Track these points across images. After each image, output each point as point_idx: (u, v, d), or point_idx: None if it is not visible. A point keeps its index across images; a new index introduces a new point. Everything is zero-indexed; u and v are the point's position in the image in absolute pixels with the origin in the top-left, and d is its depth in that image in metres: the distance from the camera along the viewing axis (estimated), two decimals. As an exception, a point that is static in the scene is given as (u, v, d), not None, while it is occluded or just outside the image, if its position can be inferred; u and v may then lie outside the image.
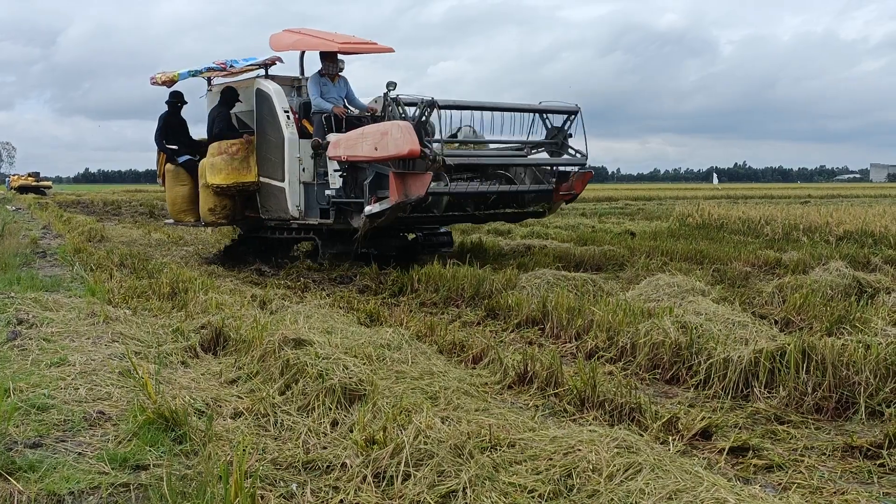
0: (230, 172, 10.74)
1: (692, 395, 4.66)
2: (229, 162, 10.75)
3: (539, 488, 2.95)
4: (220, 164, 10.73)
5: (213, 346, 5.52)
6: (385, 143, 8.80)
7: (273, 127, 10.55)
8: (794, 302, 6.61)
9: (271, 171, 10.66)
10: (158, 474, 3.12)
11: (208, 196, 11.06)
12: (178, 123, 12.08)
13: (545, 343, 6.03)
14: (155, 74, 11.94)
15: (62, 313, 6.15)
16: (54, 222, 19.34)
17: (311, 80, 10.61)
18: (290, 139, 10.35)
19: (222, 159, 10.73)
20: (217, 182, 10.74)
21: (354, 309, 7.33)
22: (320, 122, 10.24)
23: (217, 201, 11.03)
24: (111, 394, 4.21)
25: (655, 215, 24.05)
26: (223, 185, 10.77)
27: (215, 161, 10.75)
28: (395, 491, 3.05)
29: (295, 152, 10.35)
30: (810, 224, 14.92)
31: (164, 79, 11.71)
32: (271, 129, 10.59)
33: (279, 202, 10.60)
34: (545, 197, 10.68)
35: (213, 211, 11.12)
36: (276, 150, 10.55)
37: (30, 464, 3.19)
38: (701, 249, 11.48)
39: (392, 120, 9.12)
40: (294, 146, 10.36)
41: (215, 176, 10.74)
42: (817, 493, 3.21)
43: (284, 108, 10.48)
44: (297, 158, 10.35)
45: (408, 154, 8.64)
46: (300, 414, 4.01)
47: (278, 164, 10.51)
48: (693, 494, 2.74)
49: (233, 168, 10.75)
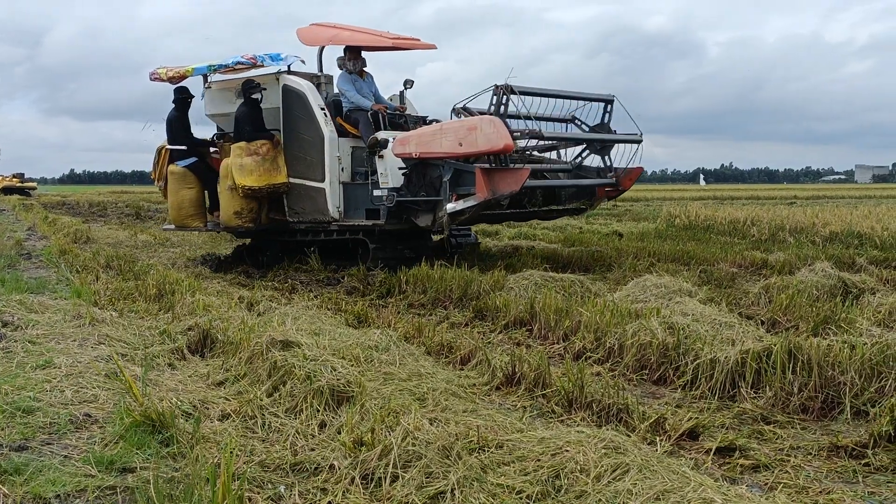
0: (262, 174, 10.20)
1: (679, 396, 4.68)
2: (260, 163, 10.22)
3: (527, 489, 2.95)
4: (250, 165, 10.18)
5: (201, 348, 5.50)
6: (473, 138, 8.48)
7: (308, 125, 10.16)
8: (781, 302, 6.65)
9: (305, 172, 10.26)
10: (145, 477, 3.11)
11: (234, 199, 10.40)
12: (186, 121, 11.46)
13: (533, 344, 6.04)
14: (157, 70, 11.25)
15: (48, 315, 6.11)
16: (39, 223, 19.21)
17: (343, 78, 10.30)
18: (330, 137, 10.01)
19: (253, 160, 10.18)
20: (249, 184, 10.14)
21: (342, 310, 7.32)
22: (367, 120, 9.96)
23: (245, 204, 10.41)
24: (97, 396, 4.18)
25: (643, 216, 24.14)
26: (255, 188, 10.18)
27: (245, 162, 10.18)
28: (383, 492, 3.05)
29: (335, 151, 10.03)
30: (796, 225, 15.01)
31: (170, 74, 11.07)
32: (306, 128, 10.20)
33: (315, 203, 10.19)
34: (588, 193, 10.42)
35: (240, 214, 10.48)
36: (312, 150, 10.16)
37: (15, 467, 3.17)
38: (688, 250, 11.53)
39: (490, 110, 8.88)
40: (334, 145, 10.02)
41: (246, 178, 10.14)
42: (803, 492, 3.23)
43: (321, 105, 10.16)
44: (337, 158, 10.04)
45: (503, 149, 8.39)
46: (288, 416, 4.00)
47: (315, 164, 10.14)
48: (680, 495, 2.76)
49: (264, 169, 10.22)
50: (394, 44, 10.31)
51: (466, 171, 8.84)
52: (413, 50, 10.92)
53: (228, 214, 10.59)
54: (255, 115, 10.49)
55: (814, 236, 14.02)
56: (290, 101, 10.34)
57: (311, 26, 10.96)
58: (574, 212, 11.16)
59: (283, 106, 10.41)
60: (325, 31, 10.69)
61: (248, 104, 10.48)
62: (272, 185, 10.29)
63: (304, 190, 10.30)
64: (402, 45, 10.47)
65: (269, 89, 10.58)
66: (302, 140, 10.26)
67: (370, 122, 9.92)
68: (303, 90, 10.22)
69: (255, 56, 10.57)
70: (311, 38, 10.73)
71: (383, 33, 10.51)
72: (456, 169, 8.97)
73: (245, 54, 10.64)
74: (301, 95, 10.21)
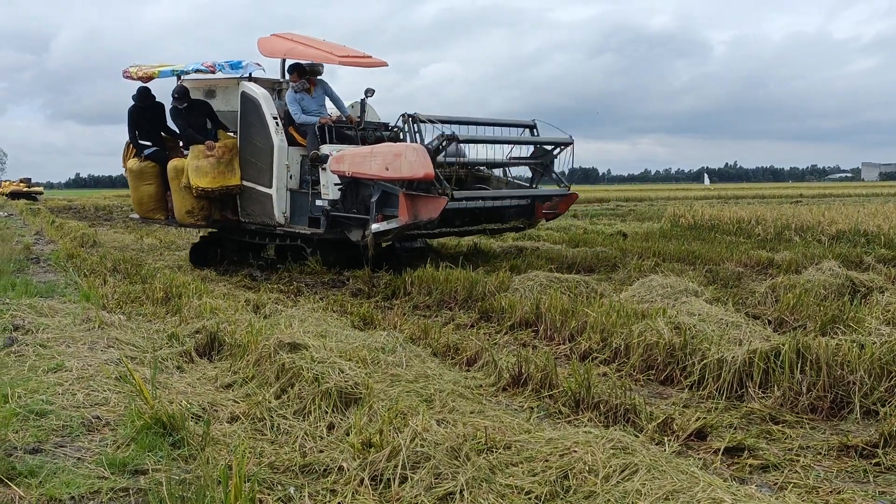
0: (216, 176, 10.60)
1: (687, 396, 4.68)
2: (216, 165, 10.59)
3: (536, 490, 2.97)
4: (206, 167, 10.55)
5: (209, 351, 5.52)
6: (398, 164, 8.85)
7: (260, 132, 10.46)
8: (788, 302, 6.65)
9: (256, 176, 10.60)
10: (157, 479, 3.13)
11: (187, 198, 10.88)
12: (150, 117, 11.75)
13: (539, 345, 6.05)
14: (129, 68, 11.68)
15: (58, 319, 6.15)
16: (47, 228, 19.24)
17: (289, 98, 10.53)
18: (279, 146, 10.31)
19: (209, 162, 10.56)
20: (203, 185, 10.59)
21: (348, 312, 7.34)
22: (314, 134, 10.21)
23: (196, 204, 10.92)
24: (108, 399, 4.21)
25: (647, 216, 24.11)
26: (209, 189, 10.63)
27: (201, 164, 10.56)
28: (392, 494, 3.06)
29: (284, 159, 10.34)
30: (802, 224, 14.99)
31: (140, 74, 11.46)
32: (258, 135, 10.50)
33: (264, 207, 10.57)
34: (527, 212, 10.84)
35: (192, 213, 11.00)
36: (262, 156, 10.47)
37: (30, 469, 3.20)
38: (693, 250, 11.52)
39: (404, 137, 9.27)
40: (283, 153, 10.33)
41: (201, 179, 10.58)
42: (813, 492, 3.24)
43: (273, 114, 10.41)
44: (286, 166, 10.35)
45: (423, 178, 8.74)
46: (296, 418, 4.02)
47: (265, 170, 10.46)
48: (689, 495, 2.77)
49: (219, 172, 10.60)
50: (341, 61, 10.59)
51: (393, 194, 9.18)
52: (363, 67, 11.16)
53: (181, 213, 11.11)
54: (188, 120, 10.90)
55: (820, 235, 14.00)
56: (246, 108, 10.67)
57: (271, 37, 11.29)
58: (515, 229, 11.48)
59: (241, 111, 10.75)
60: (283, 43, 11.04)
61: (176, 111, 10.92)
62: (225, 187, 10.71)
63: (255, 194, 10.69)
64: (350, 62, 10.72)
65: (231, 94, 11.05)
66: (255, 146, 10.59)
67: (316, 136, 10.21)
68: (258, 98, 10.51)
69: (213, 63, 10.92)
70: (269, 50, 11.08)
71: (335, 50, 10.76)
72: (384, 191, 9.31)
73: (205, 62, 11.01)
74: (256, 103, 10.51)
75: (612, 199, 40.13)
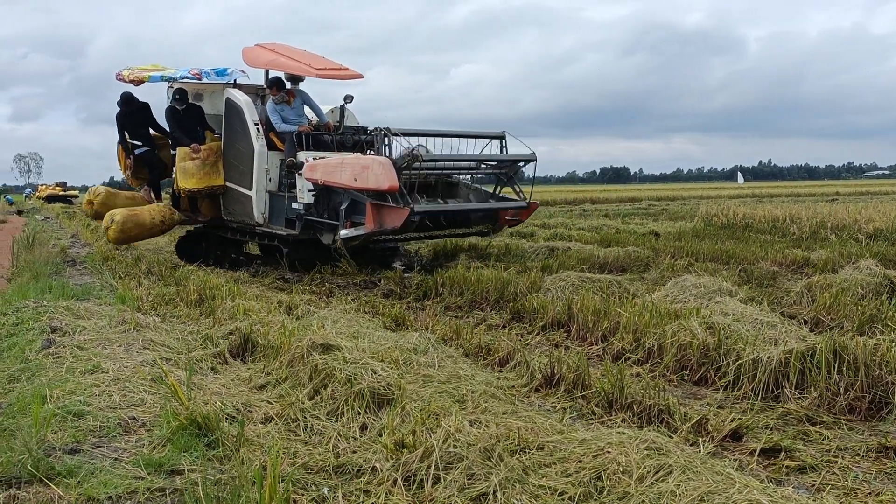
0: (202, 177, 11.26)
1: (721, 397, 4.63)
2: (201, 167, 11.23)
3: (569, 491, 2.95)
4: (192, 168, 11.22)
5: (242, 352, 5.57)
6: (365, 176, 9.41)
7: (243, 137, 11.04)
8: (824, 301, 6.55)
9: (238, 178, 11.21)
10: (193, 479, 3.17)
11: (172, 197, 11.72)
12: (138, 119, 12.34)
13: (571, 345, 6.03)
14: (122, 71, 12.20)
15: (94, 321, 6.24)
16: (82, 231, 19.55)
17: (269, 108, 11.06)
18: (259, 151, 10.85)
19: (194, 164, 11.21)
20: (189, 186, 11.32)
21: (380, 313, 7.36)
22: (291, 141, 10.70)
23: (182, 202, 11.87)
24: (144, 400, 4.26)
25: (679, 215, 23.91)
26: (195, 189, 11.36)
27: (187, 166, 11.24)
28: (425, 494, 3.06)
29: (263, 163, 10.88)
30: (839, 222, 14.77)
31: (132, 77, 11.96)
32: (241, 139, 11.08)
33: (244, 208, 11.17)
34: (491, 218, 11.33)
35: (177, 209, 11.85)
36: (244, 160, 11.05)
37: (68, 469, 3.25)
38: (727, 249, 11.41)
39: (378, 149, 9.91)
40: (263, 158, 10.87)
41: (188, 180, 11.28)
42: (852, 494, 3.19)
43: (255, 120, 10.94)
44: (265, 169, 10.90)
45: (387, 189, 9.27)
46: (329, 418, 4.04)
47: (246, 173, 11.04)
48: (725, 496, 2.74)
49: (204, 173, 11.26)
50: (318, 74, 11.00)
51: (361, 203, 9.70)
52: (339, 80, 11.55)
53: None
54: (181, 122, 11.50)
55: (857, 233, 13.79)
56: (230, 113, 11.30)
57: (255, 47, 11.82)
58: (479, 234, 11.86)
59: (225, 116, 11.42)
60: (265, 54, 11.59)
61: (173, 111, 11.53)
62: (211, 187, 11.40)
63: (237, 194, 11.33)
64: (327, 75, 11.12)
65: (218, 98, 11.76)
66: (237, 150, 11.22)
67: (294, 143, 10.68)
68: (241, 105, 11.07)
69: (200, 71, 11.66)
70: (252, 60, 11.58)
71: (314, 62, 11.23)
72: (353, 199, 9.82)
73: (192, 69, 11.71)
74: (239, 109, 11.09)
75: (644, 199, 39.85)
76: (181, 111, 11.51)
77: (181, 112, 11.52)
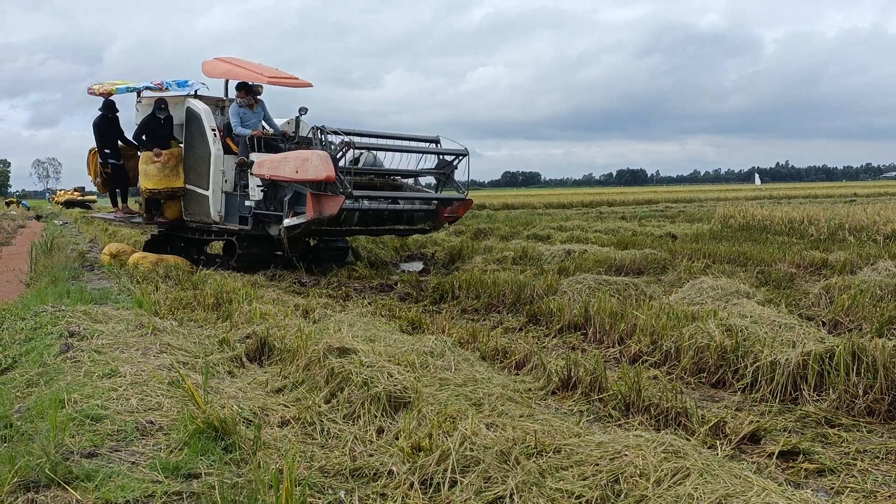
0: (161, 179, 12.06)
1: (739, 399, 4.60)
2: (161, 169, 12.04)
3: (586, 494, 2.94)
4: (152, 171, 12.06)
5: (259, 356, 5.59)
6: (305, 168, 10.26)
7: (201, 142, 11.88)
8: (842, 303, 6.50)
9: (197, 180, 12.02)
10: (210, 483, 3.18)
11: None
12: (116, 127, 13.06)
13: (588, 348, 6.01)
14: (93, 85, 13.11)
15: (111, 325, 6.27)
16: (100, 236, 19.71)
17: (232, 110, 11.80)
18: (216, 154, 11.67)
19: (154, 167, 12.03)
20: (150, 187, 12.10)
21: (396, 317, 7.37)
22: (245, 144, 11.46)
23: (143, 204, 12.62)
24: (161, 404, 4.28)
25: (696, 217, 23.79)
26: (155, 190, 12.12)
27: (148, 168, 12.07)
28: (442, 497, 3.06)
29: (220, 166, 11.71)
30: (857, 223, 14.65)
31: (102, 90, 12.82)
32: (199, 144, 11.92)
33: (202, 207, 11.95)
34: (432, 216, 12.21)
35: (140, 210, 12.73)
36: (202, 163, 11.86)
37: (86, 473, 3.26)
38: (744, 251, 11.34)
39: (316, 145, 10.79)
40: (219, 161, 11.70)
41: (147, 181, 12.10)
42: (871, 497, 3.16)
43: (212, 126, 11.78)
44: (221, 171, 11.72)
45: (325, 179, 10.13)
46: (346, 422, 4.04)
47: (204, 175, 11.85)
48: (743, 499, 2.72)
49: (164, 175, 12.06)
50: (269, 81, 11.95)
51: (302, 194, 10.60)
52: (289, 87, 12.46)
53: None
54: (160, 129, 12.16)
55: (875, 235, 13.67)
56: (190, 121, 12.17)
57: (214, 60, 12.74)
58: (421, 231, 12.66)
59: (186, 123, 12.28)
60: (222, 66, 12.54)
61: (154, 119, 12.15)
62: (170, 189, 12.19)
63: (196, 195, 12.14)
64: (277, 82, 12.11)
65: (179, 108, 12.48)
66: (196, 154, 12.06)
67: (247, 145, 11.51)
68: (200, 113, 11.96)
69: (162, 82, 12.47)
70: (210, 71, 12.49)
71: (265, 71, 12.15)
72: (296, 191, 10.75)
73: (154, 81, 12.56)
74: (198, 117, 11.97)
75: (661, 201, 39.71)
76: (162, 120, 12.20)
77: (162, 121, 12.19)
